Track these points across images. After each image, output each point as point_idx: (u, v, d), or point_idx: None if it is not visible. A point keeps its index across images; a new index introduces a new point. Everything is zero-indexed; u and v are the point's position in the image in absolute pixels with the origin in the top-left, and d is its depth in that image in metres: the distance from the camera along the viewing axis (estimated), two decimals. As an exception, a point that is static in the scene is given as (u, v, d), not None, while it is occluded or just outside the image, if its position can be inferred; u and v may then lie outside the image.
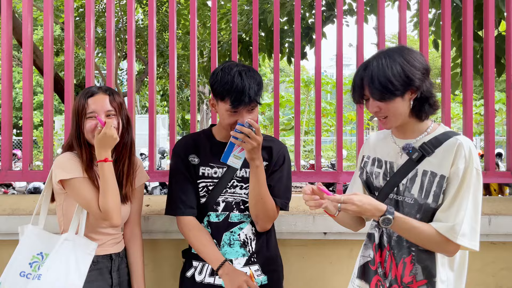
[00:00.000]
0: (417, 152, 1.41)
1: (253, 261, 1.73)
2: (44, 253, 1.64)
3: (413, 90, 1.37)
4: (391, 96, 1.36)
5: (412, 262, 1.44)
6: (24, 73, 2.29)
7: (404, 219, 1.36)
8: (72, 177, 1.61)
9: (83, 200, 1.61)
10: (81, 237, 1.63)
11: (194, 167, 1.75)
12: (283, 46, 5.43)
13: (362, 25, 2.34)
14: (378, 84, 1.35)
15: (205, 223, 1.75)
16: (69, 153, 1.68)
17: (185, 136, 1.88)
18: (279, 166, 1.75)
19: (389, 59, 1.36)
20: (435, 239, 1.35)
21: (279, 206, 1.73)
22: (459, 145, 1.35)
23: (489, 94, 2.23)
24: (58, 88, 5.15)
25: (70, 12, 2.30)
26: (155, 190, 8.27)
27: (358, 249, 2.12)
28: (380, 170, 1.52)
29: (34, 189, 6.59)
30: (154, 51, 2.35)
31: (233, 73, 1.59)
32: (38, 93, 18.18)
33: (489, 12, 2.26)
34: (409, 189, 1.42)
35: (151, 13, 2.34)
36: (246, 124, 1.54)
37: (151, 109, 2.32)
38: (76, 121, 1.67)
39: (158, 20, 8.57)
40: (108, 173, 1.60)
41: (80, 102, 1.66)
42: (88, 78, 2.30)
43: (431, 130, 1.44)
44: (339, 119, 2.36)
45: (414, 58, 1.37)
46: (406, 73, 1.34)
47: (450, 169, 1.36)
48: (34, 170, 2.32)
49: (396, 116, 1.40)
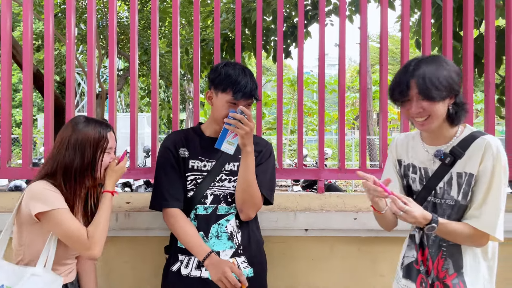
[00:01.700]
0: (449, 157, 1.49)
1: (240, 253, 1.76)
2: (7, 286, 1.54)
3: (452, 96, 1.46)
4: (438, 97, 1.42)
5: (443, 257, 1.53)
6: (3, 70, 2.25)
7: (445, 224, 1.45)
8: (54, 209, 1.53)
9: (67, 230, 1.54)
10: (48, 272, 1.57)
11: (184, 160, 1.79)
12: (269, 44, 5.44)
13: (344, 24, 2.35)
14: (430, 83, 1.41)
15: (192, 216, 1.77)
16: (43, 181, 1.59)
17: (174, 131, 1.93)
18: (265, 159, 1.83)
19: (435, 64, 1.44)
20: (472, 235, 1.44)
21: (263, 195, 1.77)
22: (487, 144, 1.44)
23: (468, 94, 2.27)
24: (39, 84, 5.07)
25: (50, 8, 2.27)
26: (139, 188, 8.21)
27: (338, 245, 2.16)
28: (415, 175, 1.60)
29: (15, 188, 6.49)
30: (136, 48, 2.33)
31: (237, 68, 1.73)
32: (21, 91, 17.88)
33: (468, 13, 2.30)
34: (448, 192, 1.51)
35: (133, 10, 2.33)
36: (239, 111, 1.62)
37: (133, 106, 2.31)
38: (93, 153, 1.62)
39: (143, 17, 8.50)
40: (109, 205, 1.65)
41: (101, 135, 1.64)
42: (68, 74, 2.28)
43: (459, 134, 1.52)
44: (321, 117, 2.38)
45: (452, 65, 1.47)
46: (452, 78, 1.43)
47: (479, 167, 1.45)
48: (12, 167, 2.29)
49: (438, 118, 1.46)
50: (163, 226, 2.07)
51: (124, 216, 2.08)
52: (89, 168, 1.62)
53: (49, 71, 2.26)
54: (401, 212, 1.37)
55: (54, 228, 1.56)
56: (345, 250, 2.15)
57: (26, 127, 2.25)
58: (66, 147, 1.61)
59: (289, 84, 16.97)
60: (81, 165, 1.61)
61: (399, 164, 1.67)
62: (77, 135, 1.62)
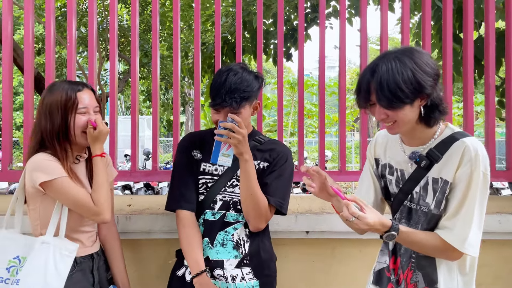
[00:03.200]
0: (425, 160, 1.36)
1: (245, 264, 1.70)
2: (21, 257, 1.59)
3: (423, 97, 1.28)
4: (401, 104, 1.26)
5: (412, 269, 1.41)
6: (4, 73, 2.25)
7: (408, 233, 1.32)
8: (56, 177, 1.55)
9: (73, 198, 1.57)
10: (61, 239, 1.60)
11: (196, 162, 1.75)
12: (269, 47, 5.45)
13: (344, 27, 2.36)
14: (388, 92, 1.24)
15: (201, 221, 1.74)
16: (42, 153, 1.60)
17: (191, 132, 1.91)
18: (279, 166, 1.72)
19: (399, 62, 1.26)
20: (441, 247, 1.32)
21: (273, 205, 1.68)
22: (466, 148, 1.29)
23: (468, 96, 2.27)
24: (41, 87, 5.08)
25: (51, 11, 2.27)
26: (139, 191, 8.20)
27: (340, 248, 2.16)
28: (392, 177, 1.48)
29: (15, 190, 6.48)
30: (137, 51, 2.34)
31: (223, 73, 1.62)
32: (21, 93, 17.92)
33: (468, 15, 2.30)
34: (423, 198, 1.38)
35: (133, 12, 2.33)
36: (229, 119, 1.55)
37: (133, 109, 2.31)
38: (61, 116, 1.59)
39: (143, 20, 8.52)
40: (103, 168, 1.63)
41: (68, 96, 1.60)
42: (69, 77, 2.28)
43: (438, 134, 1.37)
44: (321, 120, 2.38)
45: (425, 62, 1.27)
46: (417, 80, 1.25)
47: (455, 173, 1.30)
48: (14, 170, 2.29)
49: (404, 123, 1.32)
50: (164, 229, 2.08)
51: (125, 218, 2.08)
52: (61, 132, 1.60)
53: (50, 74, 2.26)
54: (353, 218, 1.23)
55: (60, 197, 1.58)
56: (346, 252, 2.15)
57: (27, 131, 2.24)
58: (41, 113, 1.62)
59: (288, 86, 16.98)
60: (51, 130, 1.60)
61: (376, 163, 1.54)
62: (47, 99, 1.62)
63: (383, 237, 1.29)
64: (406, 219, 1.44)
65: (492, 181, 3.29)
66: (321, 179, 1.38)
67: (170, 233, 2.08)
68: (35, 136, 1.64)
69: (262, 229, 1.72)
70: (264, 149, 1.75)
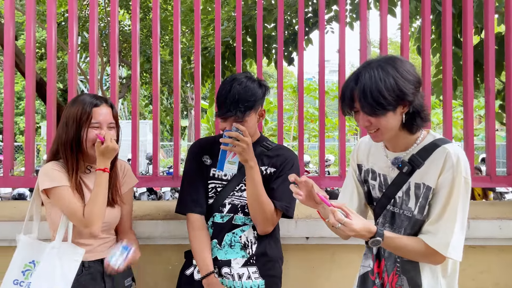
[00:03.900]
0: (407, 166, 1.38)
1: (252, 263, 1.76)
2: (36, 261, 1.69)
3: (405, 104, 1.31)
4: (383, 111, 1.29)
5: (397, 274, 1.43)
6: (5, 78, 2.27)
7: (393, 238, 1.34)
8: (56, 186, 1.63)
9: (66, 207, 1.64)
10: (68, 244, 1.67)
11: (207, 167, 1.81)
12: (271, 52, 5.46)
13: (344, 31, 2.36)
14: (370, 99, 1.27)
15: (210, 223, 1.79)
16: (53, 162, 1.70)
17: (202, 138, 1.97)
18: (286, 171, 1.76)
19: (381, 71, 1.28)
20: (424, 252, 1.34)
21: (279, 209, 1.72)
22: (447, 154, 1.32)
23: (468, 100, 2.27)
24: (43, 92, 5.10)
25: (52, 17, 2.30)
26: (142, 196, 8.20)
27: (340, 253, 2.15)
28: (375, 182, 1.50)
29: (18, 195, 6.49)
30: (137, 56, 2.35)
31: (228, 82, 1.68)
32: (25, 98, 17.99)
33: (468, 20, 2.30)
34: (406, 203, 1.41)
35: (134, 18, 2.34)
36: (234, 128, 1.60)
37: (134, 115, 2.32)
38: (75, 128, 1.66)
39: (145, 25, 8.56)
40: (103, 182, 1.65)
41: (84, 110, 1.66)
42: (70, 82, 2.30)
43: (420, 140, 1.40)
44: (321, 125, 2.38)
45: (407, 70, 1.30)
46: (399, 87, 1.27)
47: (438, 179, 1.33)
48: (15, 176, 2.30)
49: (387, 130, 1.35)
50: (164, 235, 2.08)
51: (126, 224, 2.08)
52: (74, 143, 1.67)
53: (51, 79, 2.28)
54: (339, 225, 1.24)
55: (58, 204, 1.66)
56: (346, 258, 2.14)
57: (29, 137, 2.26)
58: (61, 124, 1.71)
59: (291, 90, 17.00)
60: (65, 140, 1.68)
61: (359, 169, 1.57)
62: (67, 112, 1.70)
63: (368, 243, 1.31)
64: (389, 223, 1.46)
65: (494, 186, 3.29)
66: (308, 187, 1.38)
67: (170, 238, 2.09)
68: (52, 146, 1.74)
69: (269, 232, 1.78)
70: (271, 155, 1.80)
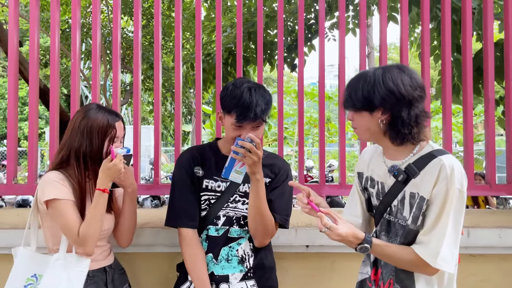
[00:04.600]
0: (402, 175, 1.40)
1: (250, 277, 1.73)
2: (38, 275, 1.65)
3: (381, 110, 1.35)
4: (351, 106, 1.40)
5: (392, 282, 1.44)
6: (9, 85, 2.29)
7: (382, 246, 1.36)
8: (56, 198, 1.60)
9: (63, 223, 1.60)
10: (73, 255, 1.64)
11: (198, 179, 1.75)
12: (273, 58, 5.48)
13: (343, 38, 2.38)
14: (348, 91, 1.40)
15: (204, 236, 1.75)
16: (55, 171, 1.66)
17: (190, 147, 1.89)
18: (281, 182, 1.76)
19: (372, 73, 1.36)
20: (415, 262, 1.35)
21: (278, 222, 1.73)
22: (442, 165, 1.33)
23: (467, 106, 2.27)
24: (46, 99, 5.14)
25: (56, 24, 2.32)
26: (146, 201, 8.21)
27: (340, 261, 2.15)
28: (373, 189, 1.52)
29: (22, 201, 6.52)
30: (139, 62, 2.36)
31: (243, 88, 1.62)
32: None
33: (467, 28, 2.31)
34: (401, 211, 1.42)
35: (136, 24, 2.37)
36: (248, 139, 1.55)
37: (136, 125, 2.33)
38: (101, 140, 1.66)
39: (148, 32, 8.61)
40: (102, 203, 1.62)
41: (109, 123, 1.68)
42: (73, 91, 2.32)
43: (417, 150, 1.41)
44: (321, 132, 2.39)
45: (393, 79, 1.33)
46: (373, 89, 1.34)
47: (432, 190, 1.34)
48: (18, 184, 2.31)
49: (361, 130, 1.42)
50: (164, 242, 2.08)
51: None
52: (98, 155, 1.66)
53: (54, 86, 2.30)
54: (325, 229, 1.30)
55: (56, 218, 1.62)
56: (346, 266, 2.13)
57: (32, 144, 2.27)
58: (76, 132, 1.68)
59: (295, 95, 16.98)
60: (90, 151, 1.66)
61: (360, 177, 1.59)
62: (86, 121, 1.68)
63: (356, 249, 1.33)
64: (385, 232, 1.47)
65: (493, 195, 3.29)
66: (306, 195, 1.42)
67: (171, 246, 2.09)
68: (61, 153, 1.69)
69: (267, 244, 1.77)
70: (265, 164, 1.75)
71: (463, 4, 2.31)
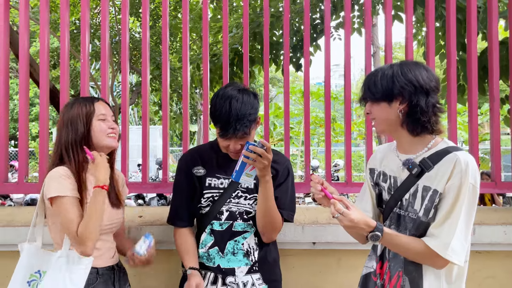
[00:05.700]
0: (417, 168, 1.42)
1: (255, 270, 1.78)
2: (42, 271, 1.65)
3: (400, 99, 1.39)
4: (372, 97, 1.43)
5: (402, 275, 1.45)
6: (20, 86, 2.33)
7: (392, 235, 1.38)
8: (60, 195, 1.60)
9: (64, 220, 1.60)
10: (75, 253, 1.62)
11: (200, 178, 1.81)
12: (279, 58, 5.51)
13: (349, 38, 2.40)
14: (367, 84, 1.44)
15: (208, 231, 1.80)
16: (62, 168, 1.66)
17: (191, 149, 1.95)
18: (284, 179, 1.82)
19: (389, 67, 1.43)
20: (425, 253, 1.37)
21: (284, 217, 1.78)
22: (457, 160, 1.35)
23: (472, 105, 2.28)
24: (56, 100, 5.20)
25: (65, 26, 2.35)
26: (152, 201, 8.27)
27: (346, 258, 2.17)
28: (385, 184, 1.54)
29: (31, 201, 6.60)
30: (147, 62, 2.40)
31: (224, 99, 1.65)
32: (37, 104, 18.21)
33: (472, 27, 2.32)
34: (412, 205, 1.43)
35: (144, 25, 2.40)
36: (259, 144, 1.57)
37: (145, 122, 2.37)
38: (84, 124, 1.68)
39: (155, 33, 8.64)
40: (101, 200, 1.62)
41: (87, 106, 1.71)
42: (83, 91, 2.36)
43: (432, 145, 1.43)
44: (327, 132, 2.41)
45: (411, 70, 1.39)
46: (392, 79, 1.39)
47: (446, 184, 1.36)
48: (29, 182, 2.36)
49: (380, 121, 1.45)
50: (172, 239, 2.11)
51: (136, 230, 2.13)
52: (84, 139, 1.68)
53: (64, 87, 2.34)
54: (338, 214, 1.33)
55: (59, 215, 1.62)
56: (352, 263, 2.15)
57: (43, 144, 2.31)
58: (62, 128, 1.71)
59: (300, 95, 16.98)
60: (75, 137, 1.68)
61: (372, 172, 1.62)
62: (68, 114, 1.71)
63: (367, 237, 1.36)
64: (395, 225, 1.49)
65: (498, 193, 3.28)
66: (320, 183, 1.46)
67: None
68: (55, 152, 1.72)
69: (274, 239, 1.83)
70: None
71: (468, 3, 2.33)
